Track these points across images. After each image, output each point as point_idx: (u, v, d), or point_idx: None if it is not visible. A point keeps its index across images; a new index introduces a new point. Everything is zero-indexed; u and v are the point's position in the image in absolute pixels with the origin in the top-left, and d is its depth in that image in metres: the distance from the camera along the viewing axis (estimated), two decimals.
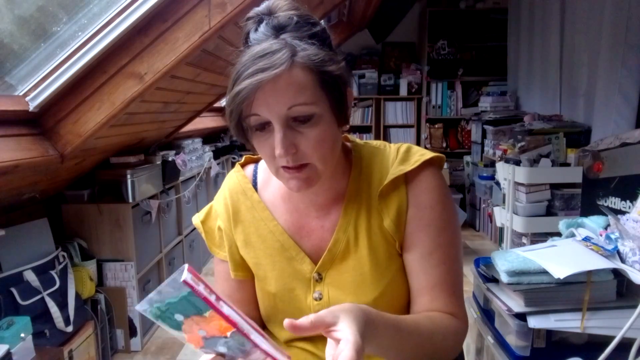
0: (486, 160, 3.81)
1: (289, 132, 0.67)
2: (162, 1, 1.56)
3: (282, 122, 0.66)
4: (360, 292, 0.76)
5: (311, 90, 0.66)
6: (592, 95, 2.71)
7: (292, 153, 0.68)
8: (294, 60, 0.65)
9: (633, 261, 1.03)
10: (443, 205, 0.76)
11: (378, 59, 4.92)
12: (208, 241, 0.88)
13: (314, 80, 0.67)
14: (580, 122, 2.83)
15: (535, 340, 1.02)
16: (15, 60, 1.62)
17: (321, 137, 0.68)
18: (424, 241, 0.75)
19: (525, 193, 2.42)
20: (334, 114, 0.71)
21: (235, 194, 0.85)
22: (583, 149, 1.45)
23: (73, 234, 2.25)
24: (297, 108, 0.66)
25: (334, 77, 0.69)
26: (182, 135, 3.28)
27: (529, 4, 3.69)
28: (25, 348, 1.55)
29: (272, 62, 0.64)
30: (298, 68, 0.66)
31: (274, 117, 0.66)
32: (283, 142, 0.66)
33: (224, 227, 0.84)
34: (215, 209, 0.87)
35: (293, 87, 0.65)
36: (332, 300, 0.77)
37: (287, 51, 0.65)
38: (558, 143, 2.60)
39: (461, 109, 4.70)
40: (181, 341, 0.60)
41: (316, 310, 0.77)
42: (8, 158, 1.49)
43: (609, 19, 2.48)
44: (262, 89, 0.64)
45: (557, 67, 3.19)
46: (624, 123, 2.39)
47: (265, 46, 0.66)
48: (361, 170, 0.80)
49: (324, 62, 0.67)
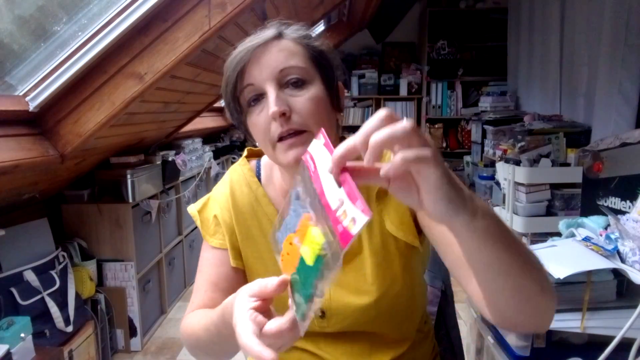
0: (486, 160, 3.81)
1: (281, 93, 0.69)
2: (162, 1, 1.56)
3: (275, 84, 0.69)
4: (362, 292, 0.76)
5: (301, 58, 0.71)
6: (592, 95, 2.71)
7: (287, 114, 0.67)
8: (283, 34, 0.72)
9: (633, 261, 1.03)
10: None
11: (378, 59, 4.92)
12: (203, 230, 0.86)
13: (303, 52, 0.72)
14: (580, 122, 2.82)
15: (535, 340, 1.02)
16: (15, 60, 1.62)
17: (315, 101, 0.69)
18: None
19: (525, 193, 2.41)
20: (326, 89, 0.72)
21: (239, 186, 0.84)
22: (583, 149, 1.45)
23: (73, 234, 2.25)
24: (288, 70, 0.69)
25: (322, 52, 0.73)
26: (182, 135, 3.28)
27: (529, 4, 3.69)
28: (25, 348, 1.55)
29: (263, 35, 0.71)
30: (287, 40, 0.72)
31: (267, 80, 0.69)
32: (277, 100, 0.67)
33: (224, 217, 0.83)
34: (215, 199, 0.86)
35: (283, 52, 0.70)
36: (333, 298, 0.77)
37: (276, 29, 0.72)
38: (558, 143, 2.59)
39: (461, 109, 4.70)
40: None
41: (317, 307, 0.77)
42: (8, 158, 1.49)
43: (609, 19, 2.48)
44: (255, 56, 0.69)
45: (557, 67, 3.18)
46: (624, 123, 2.39)
47: (258, 32, 0.73)
48: None
49: (312, 39, 0.73)
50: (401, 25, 4.85)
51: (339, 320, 0.77)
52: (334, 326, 0.78)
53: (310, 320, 0.49)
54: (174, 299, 2.94)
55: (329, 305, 0.77)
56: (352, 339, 0.79)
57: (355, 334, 0.79)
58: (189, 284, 3.20)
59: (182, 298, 3.03)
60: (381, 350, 0.80)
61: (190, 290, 3.17)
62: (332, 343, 0.80)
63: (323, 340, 0.80)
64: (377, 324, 0.78)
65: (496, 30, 4.41)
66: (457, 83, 4.66)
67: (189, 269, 3.18)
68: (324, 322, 0.78)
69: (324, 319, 0.77)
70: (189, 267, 3.19)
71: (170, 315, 2.78)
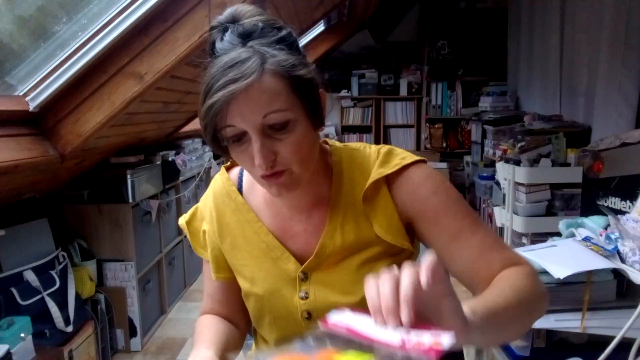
0: (486, 160, 3.81)
1: (266, 140, 0.66)
2: (162, 1, 1.56)
3: (259, 132, 0.65)
4: (347, 292, 0.76)
5: (284, 96, 0.66)
6: (592, 95, 2.71)
7: (272, 160, 0.67)
8: (264, 68, 0.64)
9: (633, 261, 1.03)
10: (443, 186, 0.76)
11: (378, 59, 4.92)
12: (192, 241, 0.89)
13: (286, 86, 0.66)
14: (580, 122, 2.82)
15: (536, 340, 1.02)
16: (15, 60, 1.62)
17: (298, 142, 0.68)
18: (446, 224, 0.74)
19: (525, 193, 2.41)
20: (309, 117, 0.70)
21: (220, 196, 0.85)
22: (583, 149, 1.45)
23: (73, 234, 2.25)
24: (272, 115, 0.65)
25: (305, 80, 0.68)
26: (182, 135, 3.28)
27: (529, 4, 3.69)
28: (25, 348, 1.55)
29: (243, 71, 0.63)
30: (269, 75, 0.65)
31: (249, 127, 0.65)
32: (261, 151, 0.66)
33: (208, 229, 0.85)
34: (201, 210, 0.88)
35: (266, 94, 0.64)
36: (318, 299, 0.77)
37: (256, 59, 0.64)
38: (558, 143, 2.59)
39: (461, 109, 4.70)
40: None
41: (303, 310, 0.77)
42: (8, 158, 1.49)
43: (609, 19, 2.48)
44: (236, 99, 0.63)
45: (557, 67, 3.18)
46: (624, 123, 2.39)
47: (233, 55, 0.65)
48: (342, 174, 0.80)
49: (294, 67, 0.67)
50: (401, 25, 4.85)
51: None
52: None
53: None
54: (174, 299, 2.94)
55: (314, 307, 0.77)
56: None
57: None
58: (188, 284, 3.20)
59: (182, 298, 3.03)
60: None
61: (190, 290, 3.17)
62: None
63: None
64: None
65: (496, 30, 4.41)
66: (457, 83, 4.66)
67: (189, 269, 3.18)
68: (311, 324, 0.77)
69: (310, 320, 0.77)
70: (189, 267, 3.19)
71: (170, 315, 2.78)
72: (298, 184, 0.72)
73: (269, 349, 0.84)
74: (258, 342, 0.89)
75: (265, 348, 0.86)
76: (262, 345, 0.87)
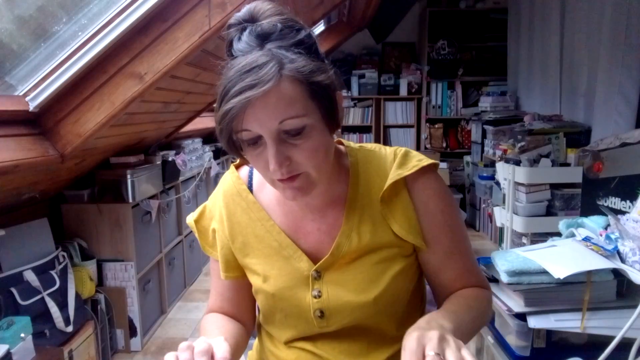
0: (486, 160, 3.81)
1: (281, 146, 0.66)
2: (162, 1, 1.56)
3: (274, 137, 0.65)
4: (361, 290, 0.76)
5: (301, 103, 0.65)
6: (592, 95, 2.71)
7: (286, 165, 0.67)
8: (282, 74, 0.63)
9: (633, 261, 1.03)
10: (450, 206, 0.80)
11: (378, 59, 4.92)
12: (201, 240, 0.88)
13: (303, 92, 0.65)
14: (580, 122, 2.83)
15: (535, 340, 1.02)
16: (15, 60, 1.62)
17: (314, 147, 0.68)
18: (443, 242, 0.79)
19: (525, 193, 2.42)
20: (326, 122, 0.70)
21: (230, 195, 0.85)
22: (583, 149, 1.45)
23: (73, 234, 2.25)
24: (288, 122, 0.65)
25: (323, 86, 0.67)
26: (182, 135, 3.28)
27: (529, 4, 3.69)
28: (25, 348, 1.55)
29: (260, 77, 0.62)
30: (286, 81, 0.64)
31: (265, 132, 0.65)
32: (277, 157, 0.66)
33: (217, 228, 0.85)
34: (210, 209, 0.87)
35: (283, 101, 0.64)
36: (331, 297, 0.77)
37: (274, 64, 0.63)
38: (558, 143, 2.60)
39: (461, 109, 4.70)
40: None
41: (316, 308, 0.77)
42: (8, 158, 1.49)
43: (609, 19, 2.48)
44: (252, 105, 0.63)
45: (557, 67, 3.19)
46: (624, 123, 2.39)
47: (251, 59, 0.64)
48: (359, 175, 0.80)
49: (312, 73, 0.66)
50: (401, 25, 4.85)
51: (338, 319, 0.77)
52: (333, 325, 0.78)
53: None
54: (174, 299, 2.94)
55: (327, 305, 0.77)
56: (351, 337, 0.79)
57: (354, 332, 0.79)
58: (189, 284, 3.20)
59: (182, 298, 3.03)
60: (379, 347, 0.80)
61: (190, 290, 3.17)
62: (330, 341, 0.80)
63: (321, 339, 0.80)
64: (376, 321, 0.78)
65: (496, 30, 4.42)
66: (457, 83, 4.66)
67: (189, 269, 3.18)
68: (323, 322, 0.78)
69: (323, 319, 0.77)
70: (189, 267, 3.19)
71: (170, 315, 2.78)
72: (313, 187, 0.72)
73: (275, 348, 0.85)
74: (262, 339, 0.89)
75: (269, 345, 0.86)
76: (266, 343, 0.87)
